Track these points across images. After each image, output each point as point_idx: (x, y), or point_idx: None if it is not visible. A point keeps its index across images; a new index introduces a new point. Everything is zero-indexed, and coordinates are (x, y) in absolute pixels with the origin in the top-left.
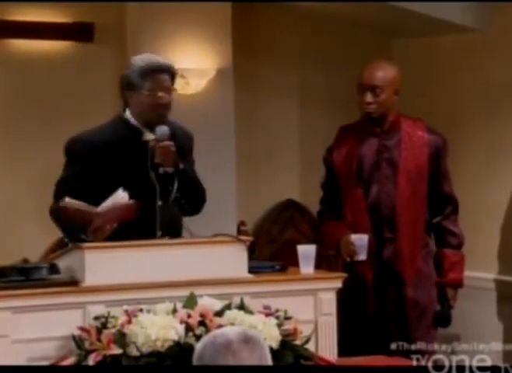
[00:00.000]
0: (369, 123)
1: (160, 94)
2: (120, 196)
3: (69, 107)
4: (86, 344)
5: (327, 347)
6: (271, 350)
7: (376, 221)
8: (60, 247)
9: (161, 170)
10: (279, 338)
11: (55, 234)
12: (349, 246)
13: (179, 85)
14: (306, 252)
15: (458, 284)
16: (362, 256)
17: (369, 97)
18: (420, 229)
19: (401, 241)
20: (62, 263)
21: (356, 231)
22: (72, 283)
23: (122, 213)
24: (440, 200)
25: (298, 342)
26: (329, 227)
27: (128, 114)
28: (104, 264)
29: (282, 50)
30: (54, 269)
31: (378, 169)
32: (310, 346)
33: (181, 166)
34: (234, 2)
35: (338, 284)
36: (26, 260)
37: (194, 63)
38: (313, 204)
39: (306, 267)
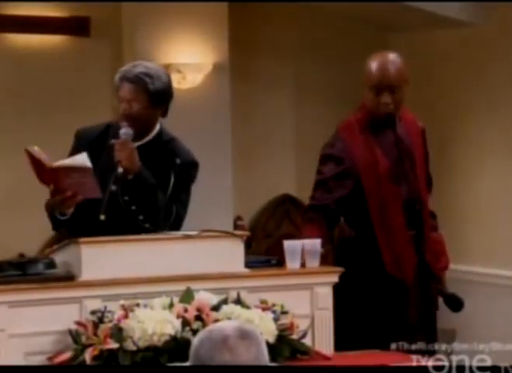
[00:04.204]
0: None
1: (123, 105)
2: (81, 159)
3: (66, 101)
4: (83, 339)
5: (323, 342)
6: (268, 344)
7: (411, 217)
8: (56, 242)
9: (120, 170)
10: (276, 332)
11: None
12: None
13: (175, 79)
14: (293, 247)
15: (448, 267)
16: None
17: (388, 98)
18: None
19: (428, 233)
20: (59, 257)
21: (393, 230)
22: (69, 277)
23: (79, 176)
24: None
25: (294, 336)
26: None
27: None
28: (101, 259)
29: (278, 45)
30: (50, 263)
31: (402, 164)
32: (307, 341)
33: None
34: None
35: (335, 279)
36: (22, 255)
37: (191, 57)
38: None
39: (293, 263)
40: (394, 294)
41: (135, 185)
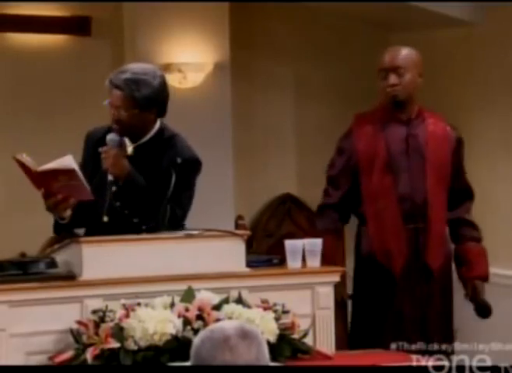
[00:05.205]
0: (396, 110)
1: (112, 110)
2: (65, 162)
3: (66, 101)
4: (84, 338)
5: (324, 341)
6: (269, 343)
7: (409, 211)
8: (58, 241)
9: (110, 177)
10: (277, 332)
11: None
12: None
13: (176, 79)
14: (294, 246)
15: (487, 277)
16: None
17: (393, 79)
18: (445, 222)
19: (434, 233)
20: (60, 257)
21: (384, 221)
22: (70, 277)
23: (66, 178)
24: (460, 193)
25: (295, 336)
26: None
27: None
28: (102, 258)
29: (279, 44)
30: (51, 263)
31: (408, 158)
32: (308, 340)
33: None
34: None
35: (336, 278)
36: (23, 254)
37: (192, 57)
38: (310, 198)
39: (294, 262)
40: (383, 282)
41: (126, 190)
